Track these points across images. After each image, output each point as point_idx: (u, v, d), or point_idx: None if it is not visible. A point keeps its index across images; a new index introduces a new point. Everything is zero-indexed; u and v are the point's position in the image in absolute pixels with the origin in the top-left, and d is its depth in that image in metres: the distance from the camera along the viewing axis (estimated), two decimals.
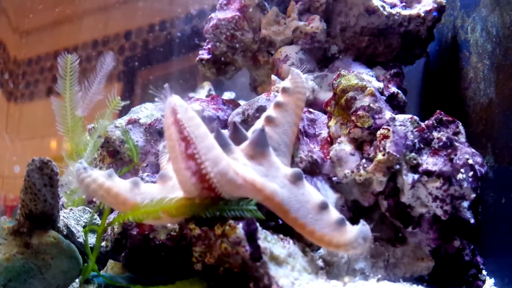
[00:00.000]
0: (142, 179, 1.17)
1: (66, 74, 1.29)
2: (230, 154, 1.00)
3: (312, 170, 1.26)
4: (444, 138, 1.13)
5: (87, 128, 1.54)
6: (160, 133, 1.53)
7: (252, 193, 0.95)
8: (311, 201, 0.96)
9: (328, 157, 1.26)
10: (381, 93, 1.44)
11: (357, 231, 0.91)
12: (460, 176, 1.08)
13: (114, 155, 1.56)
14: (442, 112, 1.18)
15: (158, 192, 1.00)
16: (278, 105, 1.18)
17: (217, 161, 0.90)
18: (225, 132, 1.12)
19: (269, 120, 1.16)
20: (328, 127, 1.29)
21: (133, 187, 0.99)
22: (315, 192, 0.99)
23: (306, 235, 0.95)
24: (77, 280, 1.07)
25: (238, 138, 1.07)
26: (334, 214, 0.95)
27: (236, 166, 0.96)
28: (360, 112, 1.18)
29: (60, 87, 1.33)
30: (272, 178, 0.98)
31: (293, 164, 1.25)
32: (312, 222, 0.94)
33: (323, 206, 0.95)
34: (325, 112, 1.37)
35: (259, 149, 1.02)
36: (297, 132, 1.19)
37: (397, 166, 1.12)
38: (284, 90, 1.19)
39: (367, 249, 0.93)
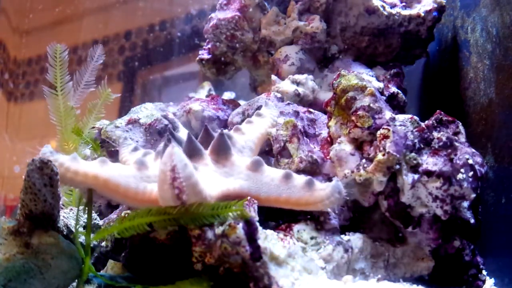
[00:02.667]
0: None
1: (56, 64, 1.29)
2: (201, 160, 1.06)
3: (312, 170, 1.26)
4: (444, 138, 1.13)
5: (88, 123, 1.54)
6: (160, 133, 1.53)
7: (224, 197, 1.01)
8: (275, 177, 1.04)
9: (328, 157, 1.26)
10: (381, 93, 1.45)
11: (332, 187, 1.02)
12: (460, 176, 1.08)
13: (114, 155, 1.57)
14: (442, 112, 1.18)
15: (132, 175, 1.03)
16: (248, 121, 1.31)
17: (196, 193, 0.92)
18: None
19: (237, 129, 1.27)
20: (328, 127, 1.29)
21: (102, 164, 1.04)
22: (275, 169, 1.07)
23: (285, 205, 1.03)
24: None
25: (210, 140, 1.13)
26: (300, 178, 1.04)
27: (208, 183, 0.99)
28: (360, 112, 1.18)
29: (51, 77, 1.33)
30: (237, 174, 1.06)
31: (293, 164, 1.25)
32: (284, 192, 1.03)
33: (288, 176, 1.03)
34: (325, 112, 1.37)
35: (222, 153, 1.08)
36: (263, 141, 1.29)
37: (397, 166, 1.12)
38: (258, 114, 1.33)
39: (341, 202, 1.04)
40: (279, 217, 1.26)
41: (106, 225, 1.23)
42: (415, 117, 1.17)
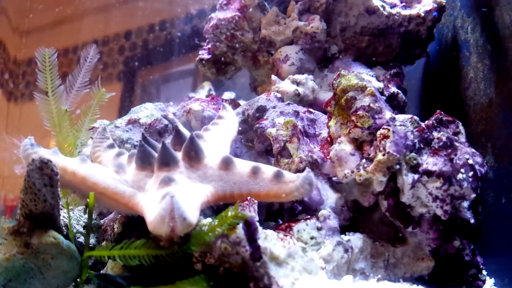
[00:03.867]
0: None
1: (46, 68, 1.28)
2: (176, 168, 1.05)
3: (312, 170, 1.26)
4: (444, 138, 1.13)
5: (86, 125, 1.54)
6: (160, 133, 1.53)
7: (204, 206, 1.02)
8: (244, 173, 1.05)
9: (328, 157, 1.26)
10: (381, 93, 1.45)
11: (302, 178, 1.03)
12: (460, 176, 1.08)
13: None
14: (442, 112, 1.18)
15: (111, 177, 1.05)
16: (213, 123, 1.34)
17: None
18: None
19: (206, 129, 1.29)
20: (328, 127, 1.29)
21: (82, 162, 1.07)
22: (245, 164, 1.07)
23: (257, 199, 1.04)
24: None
25: (182, 141, 1.12)
26: (269, 171, 1.05)
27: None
28: (360, 112, 1.18)
29: (41, 82, 1.32)
30: (210, 177, 1.06)
31: (293, 164, 1.25)
32: (254, 187, 1.04)
33: (255, 171, 1.04)
34: (325, 112, 1.37)
35: (194, 157, 1.08)
36: (231, 140, 1.30)
37: (397, 166, 1.12)
38: (219, 117, 1.37)
39: (311, 191, 1.05)
40: (279, 217, 1.26)
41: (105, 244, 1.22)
42: (415, 117, 1.17)
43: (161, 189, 0.99)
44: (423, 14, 1.63)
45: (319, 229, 1.11)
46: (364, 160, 1.17)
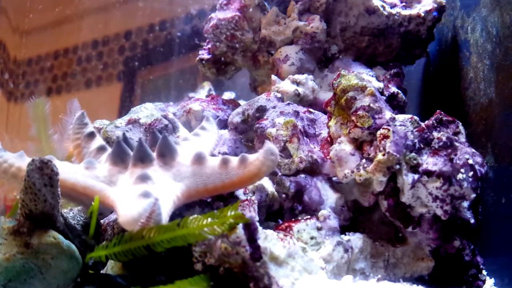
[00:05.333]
0: None
1: (39, 118, 1.25)
2: (151, 166, 1.08)
3: (312, 170, 1.27)
4: (444, 138, 1.13)
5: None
6: (160, 133, 1.53)
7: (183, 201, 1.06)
8: (216, 165, 1.08)
9: (328, 157, 1.26)
10: (381, 93, 1.45)
11: (264, 152, 1.05)
12: (460, 176, 1.08)
13: None
14: (442, 112, 1.18)
15: (81, 173, 1.08)
16: (195, 133, 1.36)
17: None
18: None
19: (185, 138, 1.32)
20: (328, 127, 1.29)
21: None
22: (215, 158, 1.10)
23: (232, 189, 1.09)
24: None
25: (157, 143, 1.14)
26: (234, 159, 1.07)
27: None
28: (360, 112, 1.18)
29: (35, 132, 1.30)
30: (184, 173, 1.08)
31: (293, 164, 1.25)
32: (226, 177, 1.06)
33: (225, 161, 1.07)
34: (325, 112, 1.37)
35: (167, 155, 1.10)
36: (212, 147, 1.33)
37: (397, 166, 1.12)
38: (202, 127, 1.39)
39: (276, 161, 1.06)
40: (279, 217, 1.26)
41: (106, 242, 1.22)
42: (415, 117, 1.17)
43: (137, 185, 1.01)
44: (423, 14, 1.63)
45: (319, 229, 1.11)
46: (364, 160, 1.17)
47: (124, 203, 0.98)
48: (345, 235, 1.16)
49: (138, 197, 0.95)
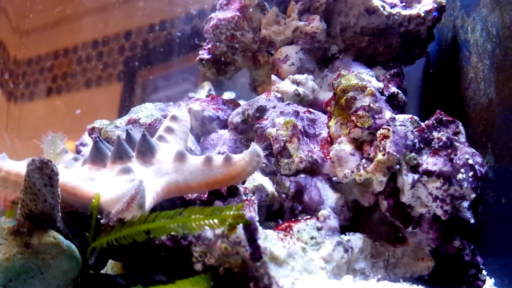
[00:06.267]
0: None
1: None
2: (129, 163, 1.09)
3: (312, 170, 1.27)
4: (444, 138, 1.13)
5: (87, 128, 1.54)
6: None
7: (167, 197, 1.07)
8: (199, 162, 1.08)
9: (328, 157, 1.26)
10: (381, 93, 1.44)
11: (249, 153, 1.06)
12: (460, 176, 1.08)
13: None
14: (442, 112, 1.18)
15: (60, 171, 1.07)
16: (168, 127, 1.31)
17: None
18: None
19: (161, 137, 1.27)
20: (328, 127, 1.29)
21: (26, 163, 1.08)
22: (198, 157, 1.11)
23: (215, 186, 1.09)
24: None
25: (133, 143, 1.15)
26: (219, 158, 1.08)
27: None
28: (360, 112, 1.18)
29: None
30: (164, 170, 1.08)
31: (293, 164, 1.25)
32: (210, 174, 1.07)
33: (208, 159, 1.08)
34: (325, 112, 1.37)
35: (147, 153, 1.11)
36: (186, 142, 1.34)
37: (397, 166, 1.12)
38: (173, 117, 1.34)
39: (261, 162, 1.08)
40: (279, 217, 1.26)
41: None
42: (415, 117, 1.17)
43: (120, 176, 1.03)
44: (423, 14, 1.63)
45: (319, 229, 1.11)
46: (364, 160, 1.17)
47: (107, 188, 0.99)
48: (345, 235, 1.16)
49: (122, 181, 0.97)
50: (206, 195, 1.20)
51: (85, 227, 1.10)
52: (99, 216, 1.02)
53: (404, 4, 1.67)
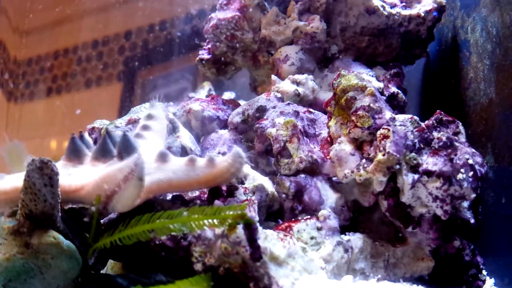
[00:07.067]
0: None
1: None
2: (111, 161, 1.09)
3: (312, 170, 1.27)
4: (444, 138, 1.13)
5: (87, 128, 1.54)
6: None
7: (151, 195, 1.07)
8: (182, 162, 1.08)
9: (328, 157, 1.26)
10: (381, 93, 1.45)
11: (232, 155, 1.07)
12: (460, 176, 1.08)
13: None
14: (442, 112, 1.18)
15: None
16: (145, 126, 1.30)
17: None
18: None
19: (139, 135, 1.27)
20: (328, 127, 1.29)
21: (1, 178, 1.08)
22: (180, 158, 1.11)
23: (197, 187, 1.09)
24: None
25: (114, 143, 1.14)
26: (202, 159, 1.08)
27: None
28: (360, 112, 1.18)
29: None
30: (147, 170, 1.07)
31: (293, 164, 1.25)
32: (192, 174, 1.06)
33: (192, 160, 1.08)
34: (325, 112, 1.37)
35: (129, 153, 1.09)
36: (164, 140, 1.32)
37: (397, 166, 1.12)
38: (149, 116, 1.33)
39: (243, 165, 1.08)
40: (279, 217, 1.26)
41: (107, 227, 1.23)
42: (415, 117, 1.17)
43: (109, 166, 1.03)
44: (423, 14, 1.63)
45: (319, 229, 1.11)
46: (364, 160, 1.17)
47: (96, 174, 1.00)
48: (345, 235, 1.16)
49: (115, 165, 0.99)
50: (206, 195, 1.20)
51: (85, 227, 1.10)
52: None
53: (404, 4, 1.67)
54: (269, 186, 1.25)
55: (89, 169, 1.07)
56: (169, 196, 1.18)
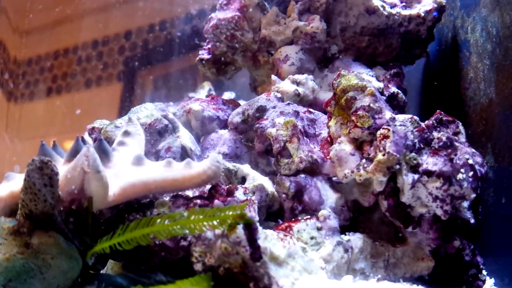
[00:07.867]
0: None
1: None
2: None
3: (312, 170, 1.27)
4: (444, 138, 1.13)
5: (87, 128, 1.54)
6: (160, 133, 1.53)
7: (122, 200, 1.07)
8: (159, 165, 1.11)
9: (328, 157, 1.26)
10: (381, 93, 1.45)
11: (210, 158, 1.10)
12: (460, 176, 1.08)
13: None
14: (442, 112, 1.18)
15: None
16: (120, 142, 1.29)
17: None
18: None
19: (114, 149, 1.25)
20: (328, 127, 1.29)
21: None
22: (158, 162, 1.14)
23: (173, 187, 1.09)
24: None
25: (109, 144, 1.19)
26: (180, 163, 1.10)
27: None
28: (360, 112, 1.18)
29: None
30: (122, 172, 1.09)
31: (293, 164, 1.25)
32: (169, 174, 1.08)
33: (169, 162, 1.10)
34: (325, 112, 1.37)
35: (104, 156, 1.11)
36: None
37: (397, 166, 1.12)
38: (126, 133, 1.32)
39: (220, 168, 1.11)
40: (279, 217, 1.26)
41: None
42: (415, 117, 1.17)
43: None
44: (423, 14, 1.63)
45: (319, 229, 1.11)
46: (364, 160, 1.17)
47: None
48: (345, 235, 1.16)
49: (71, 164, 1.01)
50: (206, 195, 1.20)
51: (85, 227, 1.10)
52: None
53: (404, 4, 1.67)
54: (269, 186, 1.25)
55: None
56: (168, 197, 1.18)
